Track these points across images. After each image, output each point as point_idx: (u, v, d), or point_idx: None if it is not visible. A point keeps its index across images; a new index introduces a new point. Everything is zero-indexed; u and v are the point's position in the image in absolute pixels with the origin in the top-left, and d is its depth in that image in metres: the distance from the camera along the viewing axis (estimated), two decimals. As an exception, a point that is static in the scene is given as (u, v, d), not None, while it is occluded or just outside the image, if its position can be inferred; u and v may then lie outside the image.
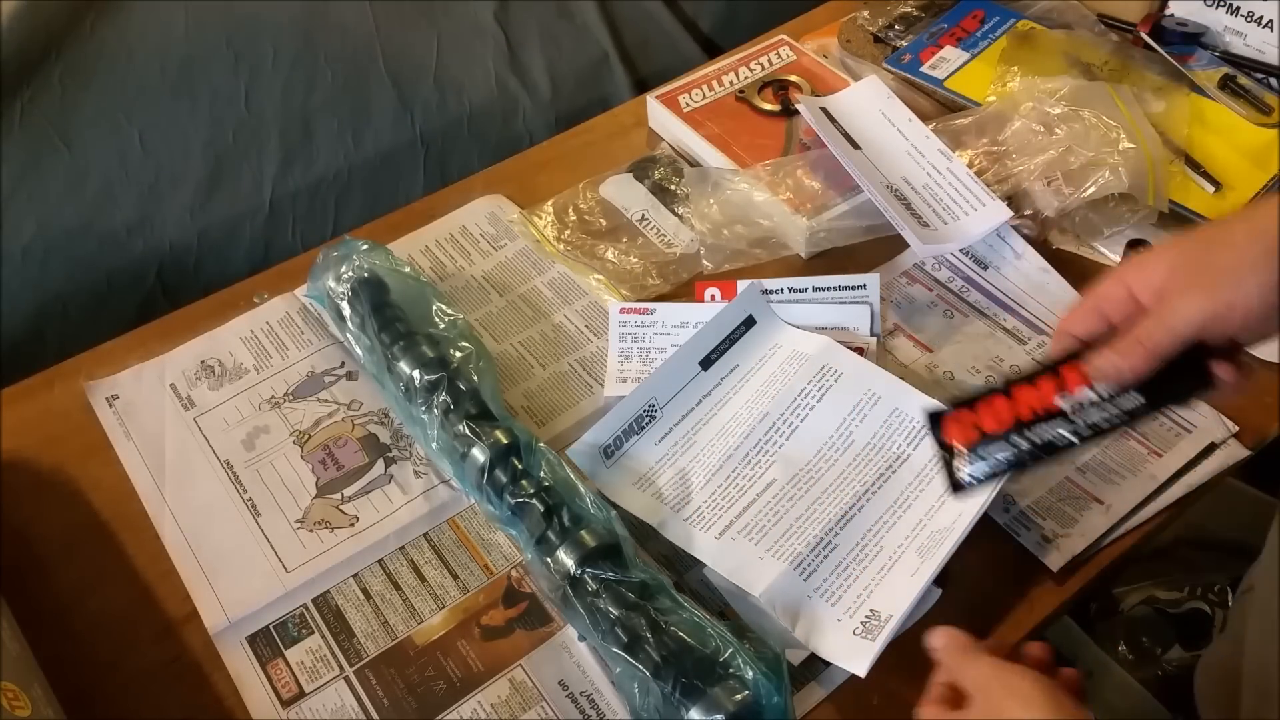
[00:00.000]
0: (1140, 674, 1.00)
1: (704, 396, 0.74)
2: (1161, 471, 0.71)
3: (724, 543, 0.66)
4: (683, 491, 0.69)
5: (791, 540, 0.66)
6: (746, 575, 0.64)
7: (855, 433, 0.71)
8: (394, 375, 0.73)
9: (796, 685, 0.63)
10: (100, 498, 0.73)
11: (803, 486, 0.68)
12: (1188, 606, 1.02)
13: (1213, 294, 0.48)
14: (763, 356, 0.76)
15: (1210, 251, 0.50)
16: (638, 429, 0.72)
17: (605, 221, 0.89)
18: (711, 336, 0.75)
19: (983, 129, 0.89)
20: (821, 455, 0.70)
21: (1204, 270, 0.49)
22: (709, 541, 0.66)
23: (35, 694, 0.59)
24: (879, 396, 0.72)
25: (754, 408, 0.73)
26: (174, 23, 0.89)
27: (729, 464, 0.70)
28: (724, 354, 0.75)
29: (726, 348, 0.75)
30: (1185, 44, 0.96)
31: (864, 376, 0.73)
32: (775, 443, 0.71)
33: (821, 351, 0.75)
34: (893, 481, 0.68)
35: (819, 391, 0.73)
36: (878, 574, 0.64)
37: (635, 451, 0.71)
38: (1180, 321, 0.49)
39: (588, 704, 0.63)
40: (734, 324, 0.76)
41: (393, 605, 0.67)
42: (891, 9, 1.04)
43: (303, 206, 0.97)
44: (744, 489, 0.69)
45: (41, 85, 0.84)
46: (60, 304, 0.89)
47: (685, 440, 0.72)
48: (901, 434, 0.70)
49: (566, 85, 1.07)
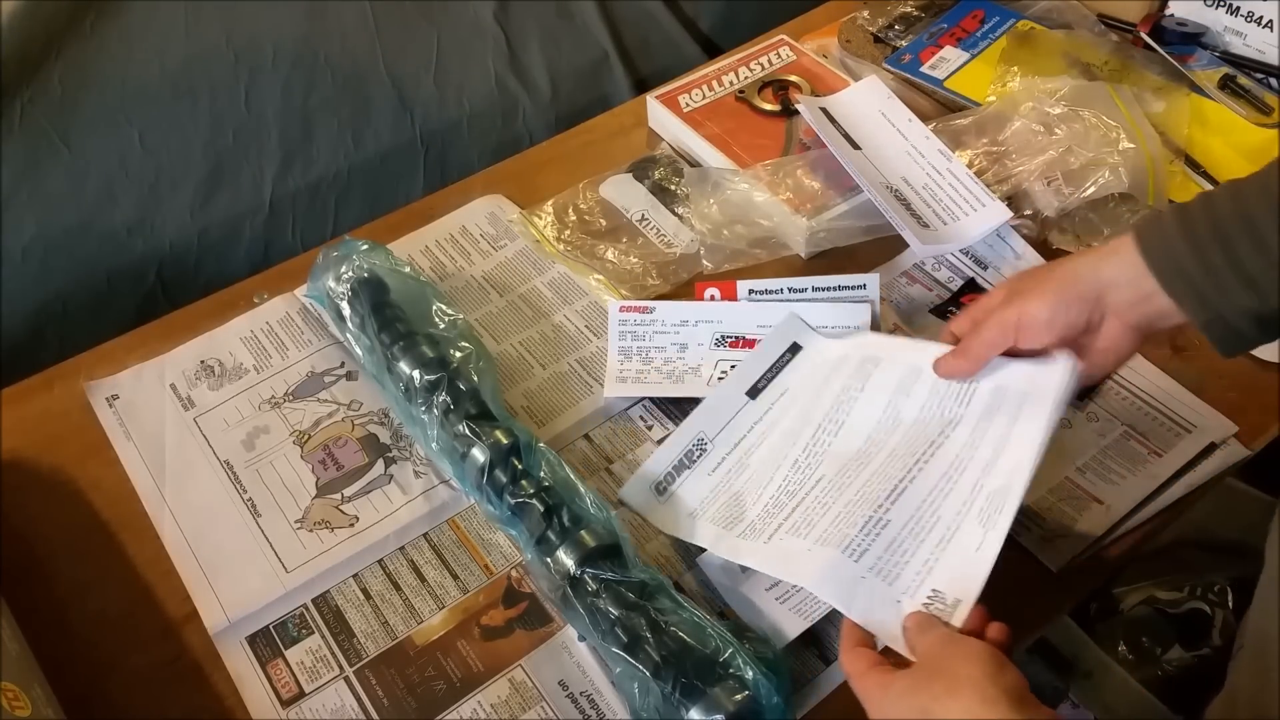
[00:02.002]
0: (1140, 674, 1.00)
1: (755, 423, 0.73)
2: (1161, 471, 0.71)
3: (772, 545, 0.64)
4: (736, 511, 0.68)
5: (840, 525, 0.62)
6: (794, 569, 0.62)
7: (903, 409, 0.68)
8: (394, 375, 0.73)
9: (796, 685, 0.63)
10: (100, 498, 0.73)
11: (851, 475, 0.66)
12: (1188, 606, 1.02)
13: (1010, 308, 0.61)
14: (808, 374, 0.74)
15: (1025, 278, 0.63)
16: (689, 464, 0.71)
17: (605, 221, 0.89)
18: (756, 367, 0.75)
19: (983, 129, 0.89)
20: (871, 441, 0.67)
21: (1015, 290, 0.62)
22: (758, 548, 0.65)
23: (35, 694, 0.59)
24: (921, 368, 0.68)
25: (801, 418, 0.71)
26: (174, 23, 0.89)
27: (779, 474, 0.69)
28: (771, 381, 0.74)
29: (773, 375, 0.75)
30: (1185, 44, 0.96)
31: (905, 351, 0.70)
32: (823, 443, 0.69)
33: (857, 346, 0.73)
34: (946, 447, 0.64)
35: (860, 383, 0.71)
36: (936, 547, 0.60)
37: (688, 485, 0.71)
38: (989, 331, 0.62)
39: (588, 704, 0.63)
40: (778, 353, 0.75)
41: (393, 605, 0.67)
42: (891, 9, 1.04)
43: (303, 206, 0.97)
44: (794, 494, 0.67)
45: (41, 85, 0.84)
46: (60, 304, 0.89)
47: (739, 466, 0.71)
48: (951, 397, 0.66)
49: (566, 85, 1.07)
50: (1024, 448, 0.61)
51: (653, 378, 0.77)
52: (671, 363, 0.78)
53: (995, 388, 0.65)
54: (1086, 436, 0.74)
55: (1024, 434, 0.62)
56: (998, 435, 0.63)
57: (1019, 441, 0.62)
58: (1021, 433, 0.62)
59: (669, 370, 0.77)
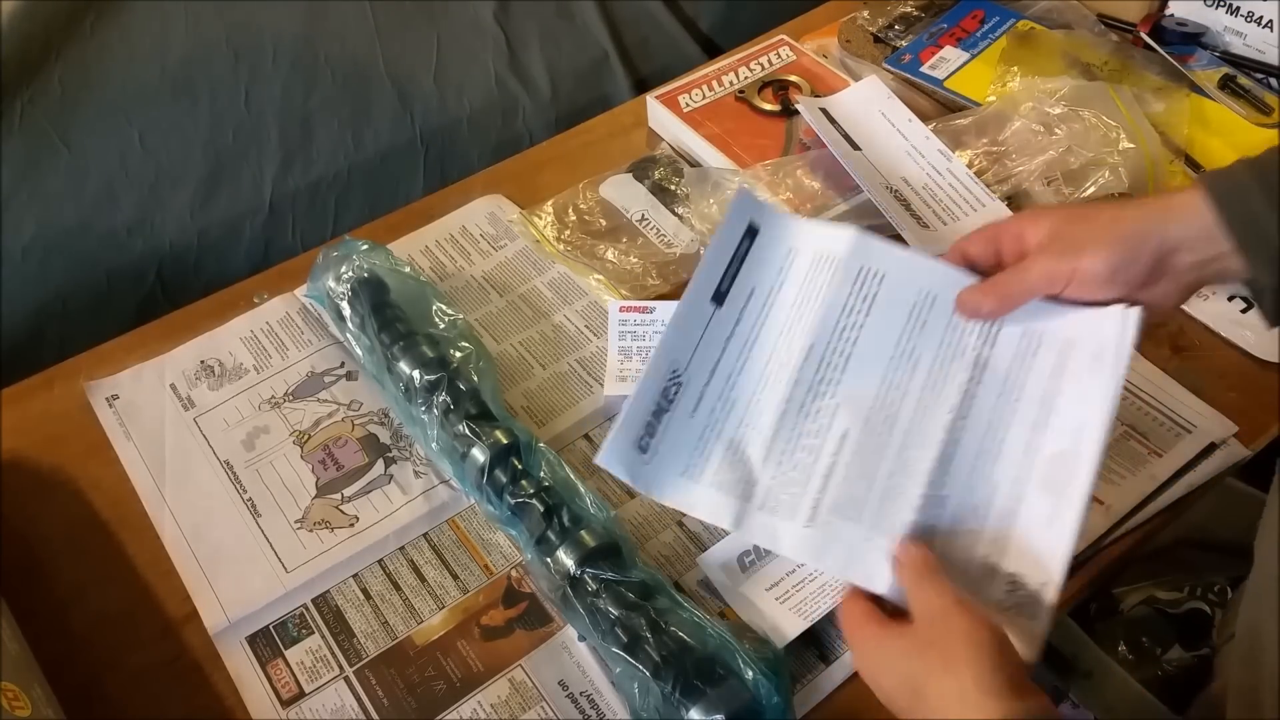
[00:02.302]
0: (1140, 674, 1.00)
1: (728, 339, 0.61)
2: (1161, 471, 0.71)
3: (818, 530, 0.56)
4: (742, 471, 0.58)
5: (896, 507, 0.55)
6: (859, 570, 0.55)
7: (919, 346, 0.59)
8: (394, 375, 0.73)
9: (796, 685, 0.63)
10: (100, 498, 0.73)
11: (881, 431, 0.57)
12: (1187, 607, 1.03)
13: (1064, 258, 0.56)
14: (781, 268, 0.62)
15: (1079, 224, 0.56)
16: (666, 405, 0.59)
17: (605, 221, 0.89)
18: (716, 264, 0.61)
19: (982, 129, 0.89)
20: (888, 383, 0.58)
21: (1066, 238, 0.56)
22: (798, 532, 0.56)
23: (35, 694, 0.59)
24: (935, 294, 0.60)
25: (792, 340, 0.60)
26: (174, 23, 0.89)
27: (786, 421, 0.58)
28: (735, 279, 0.62)
29: (736, 271, 0.62)
30: (1185, 44, 0.97)
31: (912, 271, 0.60)
32: (831, 380, 0.59)
33: (852, 249, 0.61)
34: (980, 397, 0.57)
35: (864, 304, 0.60)
36: (1002, 525, 0.55)
37: (672, 434, 0.58)
38: (1034, 277, 0.57)
39: (588, 704, 0.63)
40: (736, 238, 0.62)
41: (393, 605, 0.67)
42: (891, 9, 1.04)
43: (303, 206, 0.97)
44: (814, 450, 0.57)
45: (41, 85, 0.84)
46: (60, 304, 0.89)
47: (723, 400, 0.59)
48: (972, 333, 0.59)
49: (566, 85, 1.07)
50: (1087, 407, 0.55)
51: (653, 378, 0.77)
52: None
53: (1025, 331, 0.59)
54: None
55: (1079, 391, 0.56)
56: (1039, 388, 0.57)
57: (1075, 400, 0.56)
58: (1075, 389, 0.57)
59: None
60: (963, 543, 0.56)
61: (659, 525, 0.71)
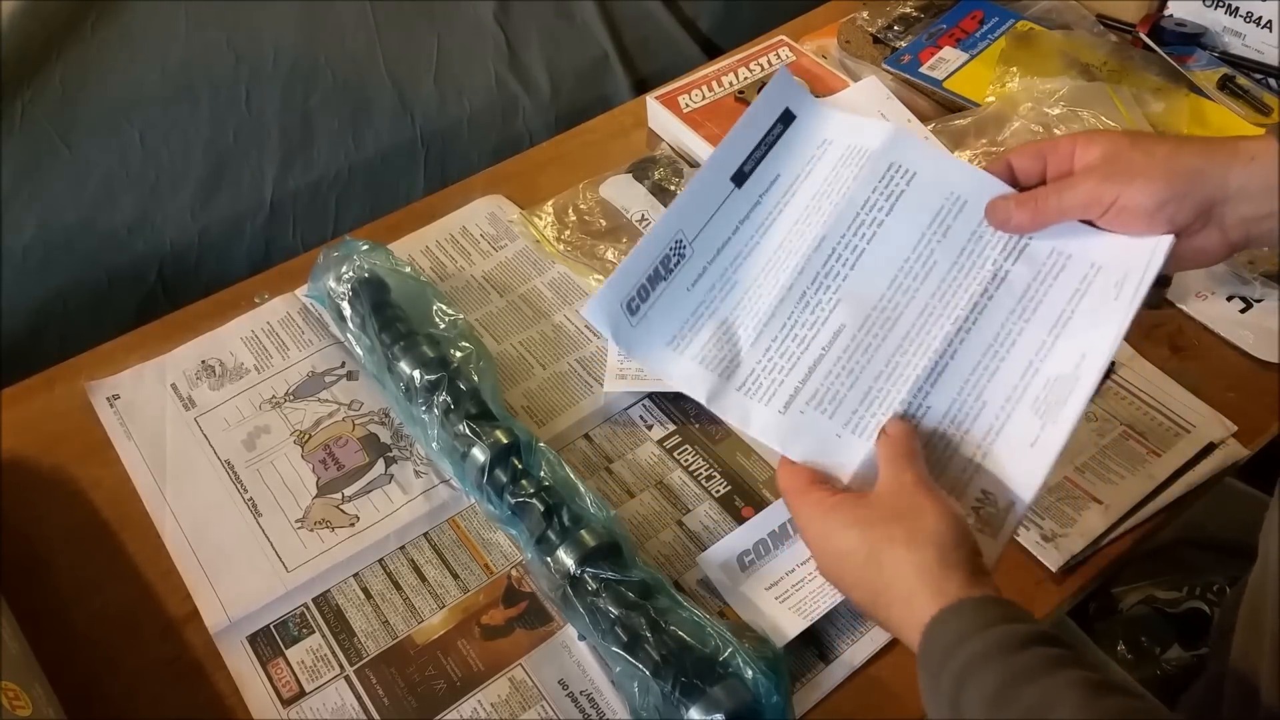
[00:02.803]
0: (1139, 674, 1.00)
1: (742, 221, 0.59)
2: (1160, 471, 0.72)
3: (791, 417, 0.55)
4: (729, 351, 0.57)
5: (873, 408, 0.55)
6: (825, 460, 0.54)
7: (937, 252, 0.57)
8: (394, 375, 0.73)
9: (796, 684, 0.63)
10: (101, 497, 0.73)
11: (878, 333, 0.56)
12: (1186, 606, 1.03)
13: (1110, 183, 0.53)
14: (811, 158, 0.60)
15: (1134, 150, 0.53)
16: (664, 273, 0.57)
17: (605, 221, 0.89)
18: (743, 143, 0.59)
19: (982, 130, 0.89)
20: (897, 285, 0.57)
21: (1118, 163, 0.53)
22: (771, 417, 0.55)
23: (36, 693, 0.59)
24: (964, 200, 0.57)
25: (806, 230, 0.58)
26: (174, 23, 0.89)
27: (783, 308, 0.57)
28: (760, 162, 0.60)
29: (763, 155, 0.60)
30: (1184, 44, 0.97)
31: (944, 173, 0.58)
32: (837, 274, 0.57)
33: (887, 145, 0.59)
34: (990, 311, 0.55)
35: (887, 201, 0.58)
36: (984, 439, 0.54)
37: (665, 302, 0.57)
38: (1072, 197, 0.54)
39: (588, 703, 0.63)
40: (769, 123, 0.60)
41: (393, 605, 0.67)
42: (891, 10, 1.04)
43: (303, 206, 0.97)
44: (805, 341, 0.56)
45: (41, 85, 0.84)
46: (61, 304, 0.89)
47: (724, 280, 0.58)
48: (996, 245, 0.57)
49: (566, 85, 1.07)
50: (1095, 334, 0.53)
51: (653, 376, 0.77)
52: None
53: (1053, 250, 0.57)
54: (1085, 436, 0.74)
55: (1093, 317, 0.55)
56: (1054, 310, 0.56)
57: (1086, 325, 0.54)
58: (1089, 314, 0.55)
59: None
60: (940, 449, 0.55)
61: (659, 525, 0.71)
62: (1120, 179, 0.53)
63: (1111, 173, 0.53)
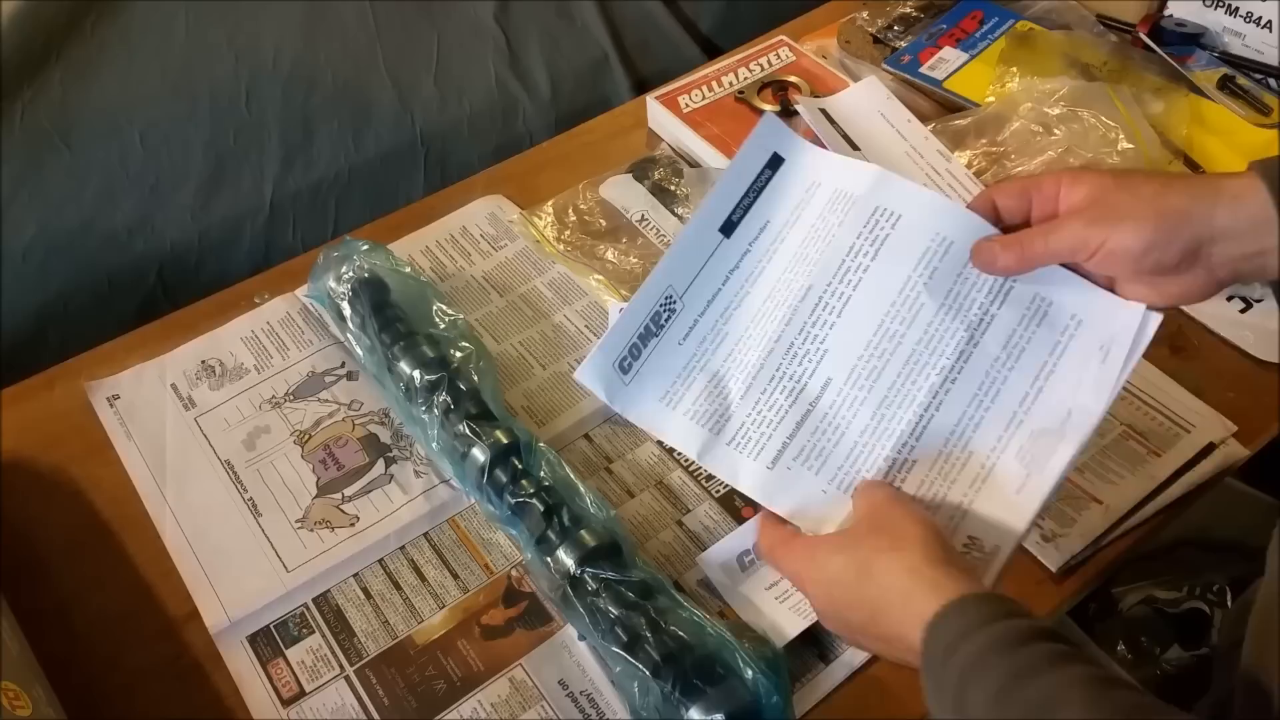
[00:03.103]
0: (1139, 674, 1.00)
1: (731, 271, 0.59)
2: (1161, 471, 0.72)
3: (778, 473, 0.55)
4: (719, 406, 0.57)
5: (859, 463, 0.55)
6: (809, 517, 0.54)
7: (923, 296, 0.55)
8: (394, 375, 0.73)
9: (796, 684, 0.63)
10: (101, 498, 0.73)
11: (864, 384, 0.55)
12: (1187, 606, 1.03)
13: (1097, 226, 0.52)
14: (799, 203, 0.59)
15: (1120, 192, 0.52)
16: (655, 329, 0.57)
17: (605, 222, 0.89)
18: (731, 191, 0.59)
19: (982, 130, 0.89)
20: (883, 332, 0.56)
21: (1104, 205, 0.52)
22: (759, 472, 0.55)
23: (36, 694, 0.59)
24: (950, 241, 0.56)
25: (794, 279, 0.58)
26: (174, 23, 0.89)
27: (771, 360, 0.57)
28: (749, 210, 0.59)
29: (752, 201, 0.59)
30: (1184, 45, 0.97)
31: (930, 214, 0.57)
32: (825, 323, 0.57)
33: (873, 187, 0.58)
34: (975, 359, 0.55)
35: (872, 246, 0.57)
36: (970, 487, 0.54)
37: (656, 359, 0.57)
38: (1059, 240, 0.53)
39: (588, 703, 0.63)
40: (757, 168, 0.60)
41: (393, 605, 0.67)
42: (891, 10, 1.04)
43: (303, 207, 0.97)
44: (793, 394, 0.56)
45: (41, 85, 0.84)
46: (61, 304, 0.89)
47: (714, 333, 0.58)
48: (982, 289, 0.56)
49: (566, 85, 1.07)
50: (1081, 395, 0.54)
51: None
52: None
53: (1036, 296, 0.56)
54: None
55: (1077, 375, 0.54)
56: (1037, 360, 0.55)
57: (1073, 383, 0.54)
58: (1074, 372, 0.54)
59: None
60: (926, 497, 0.55)
61: (659, 525, 0.71)
62: (1107, 222, 0.52)
63: (1098, 215, 0.52)
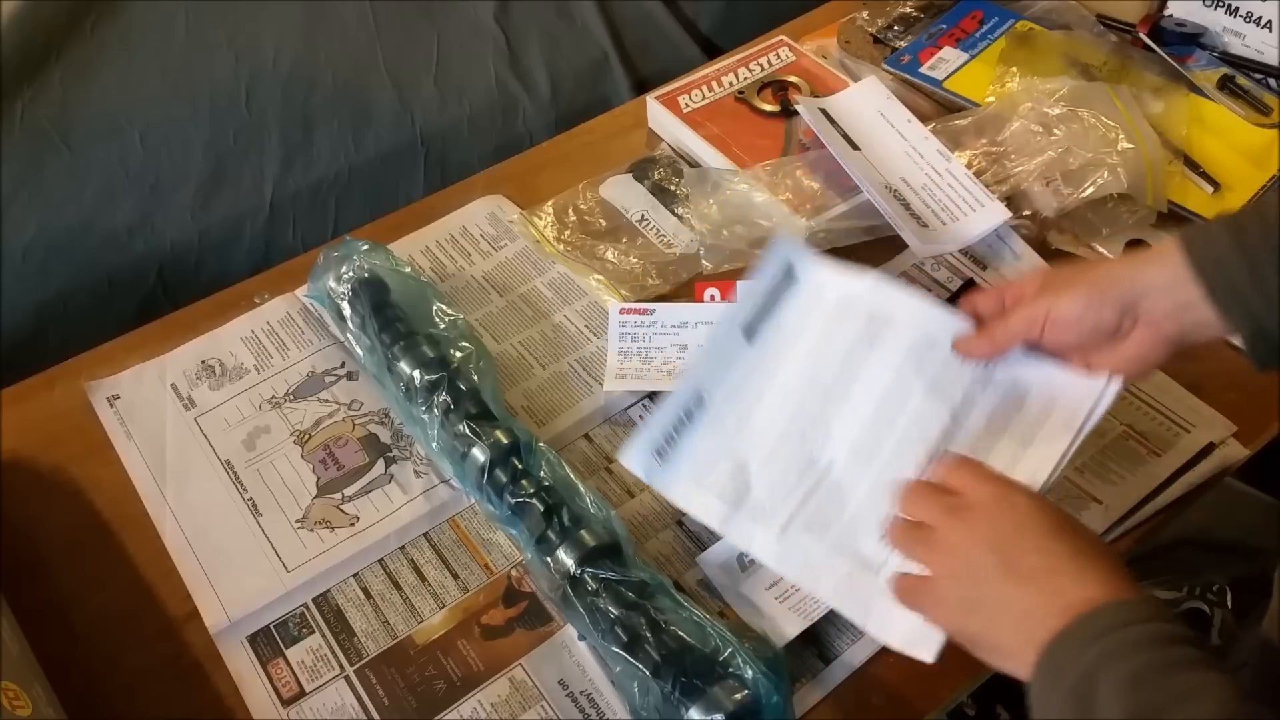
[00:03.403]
0: (1139, 674, 1.00)
1: (752, 371, 0.66)
2: (1160, 471, 0.72)
3: (786, 542, 0.61)
4: (740, 483, 0.63)
5: (858, 533, 0.60)
6: (810, 578, 0.61)
7: (913, 384, 0.63)
8: (394, 375, 0.73)
9: (796, 684, 0.63)
10: (101, 497, 0.73)
11: (863, 460, 0.62)
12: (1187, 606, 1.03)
13: (1041, 301, 0.59)
14: (809, 310, 0.67)
15: (1062, 272, 0.61)
16: (687, 421, 0.64)
17: (605, 222, 0.89)
18: (751, 301, 0.67)
19: (981, 130, 0.89)
20: (879, 416, 0.63)
21: (1049, 284, 0.60)
22: (769, 541, 0.62)
23: (36, 693, 0.59)
24: (935, 339, 0.64)
25: (805, 374, 0.66)
26: (174, 23, 0.89)
27: (785, 445, 0.64)
28: (767, 318, 0.67)
29: (770, 309, 0.67)
30: (1184, 44, 0.97)
31: (918, 316, 0.65)
32: (830, 410, 0.64)
33: (870, 294, 0.66)
34: (959, 439, 0.62)
35: (870, 344, 0.65)
36: None
37: (687, 448, 0.64)
38: (1016, 320, 0.60)
39: (587, 703, 0.63)
40: (773, 281, 0.68)
41: (393, 605, 0.68)
42: (890, 10, 1.04)
43: (303, 207, 0.97)
44: (802, 474, 0.63)
45: (41, 85, 0.84)
46: (61, 304, 0.89)
47: (739, 425, 0.65)
48: (965, 377, 0.63)
49: (566, 85, 1.07)
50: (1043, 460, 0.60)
51: (652, 375, 0.77)
52: (671, 362, 0.78)
53: (1014, 380, 0.63)
54: (1086, 437, 0.73)
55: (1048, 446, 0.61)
56: (1018, 439, 0.62)
57: (1038, 454, 0.61)
58: (1044, 443, 0.61)
59: (669, 369, 0.78)
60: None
61: (659, 524, 0.71)
62: (1049, 295, 0.59)
63: (1043, 292, 0.60)
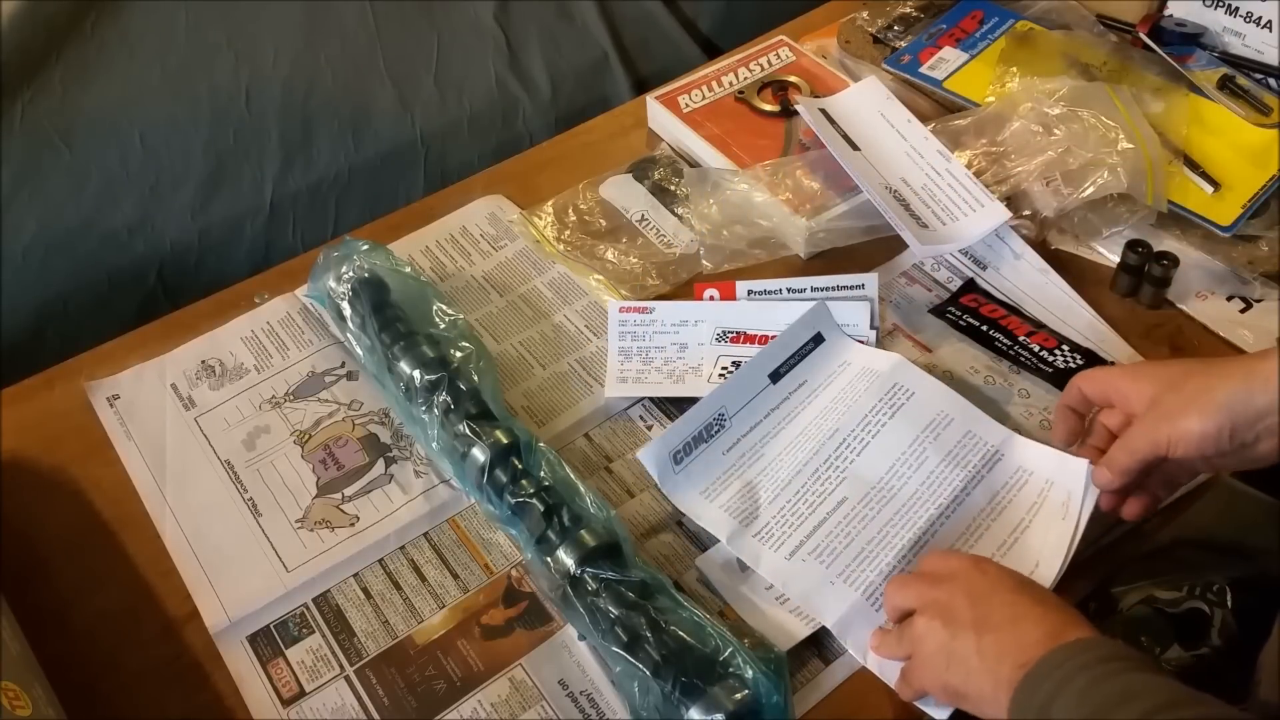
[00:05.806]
0: (1139, 674, 1.00)
1: (773, 409, 0.73)
2: (1160, 471, 0.71)
3: (794, 564, 0.65)
4: (750, 505, 0.69)
5: (864, 567, 0.65)
6: (816, 601, 0.64)
7: (928, 451, 0.70)
8: (394, 375, 0.73)
9: (796, 685, 0.63)
10: (101, 497, 0.73)
11: (874, 506, 0.68)
12: (1187, 606, 1.02)
13: (1162, 426, 0.60)
14: (831, 373, 0.75)
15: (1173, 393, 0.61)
16: (706, 437, 0.71)
17: (605, 222, 0.89)
18: (781, 350, 0.75)
19: (981, 130, 0.89)
20: (894, 472, 0.69)
21: (1163, 406, 0.61)
22: (778, 561, 0.66)
23: (36, 693, 0.59)
24: (952, 418, 0.71)
25: (823, 423, 0.72)
26: (174, 23, 0.89)
27: (798, 479, 0.69)
28: (793, 368, 0.75)
29: (795, 362, 0.75)
30: (1184, 44, 0.96)
31: (937, 398, 0.72)
32: (845, 459, 0.70)
33: (893, 369, 0.74)
34: (967, 504, 0.68)
35: (890, 410, 0.72)
36: None
37: (703, 460, 0.71)
38: (1140, 445, 0.62)
39: (588, 703, 0.63)
40: (803, 340, 0.76)
41: (393, 605, 0.68)
42: (890, 10, 1.04)
43: (303, 207, 0.97)
44: (814, 505, 0.68)
45: (41, 85, 0.84)
46: (61, 304, 0.90)
47: (753, 452, 0.72)
48: (977, 455, 0.70)
49: (566, 85, 1.07)
50: (1048, 551, 0.64)
51: (653, 378, 0.77)
52: (671, 363, 0.78)
53: (1018, 467, 0.69)
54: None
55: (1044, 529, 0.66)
56: (1016, 516, 0.67)
57: (1041, 533, 0.66)
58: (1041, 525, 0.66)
59: (669, 370, 0.78)
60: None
61: (659, 525, 0.71)
62: (1169, 421, 0.60)
63: (1160, 417, 0.61)
